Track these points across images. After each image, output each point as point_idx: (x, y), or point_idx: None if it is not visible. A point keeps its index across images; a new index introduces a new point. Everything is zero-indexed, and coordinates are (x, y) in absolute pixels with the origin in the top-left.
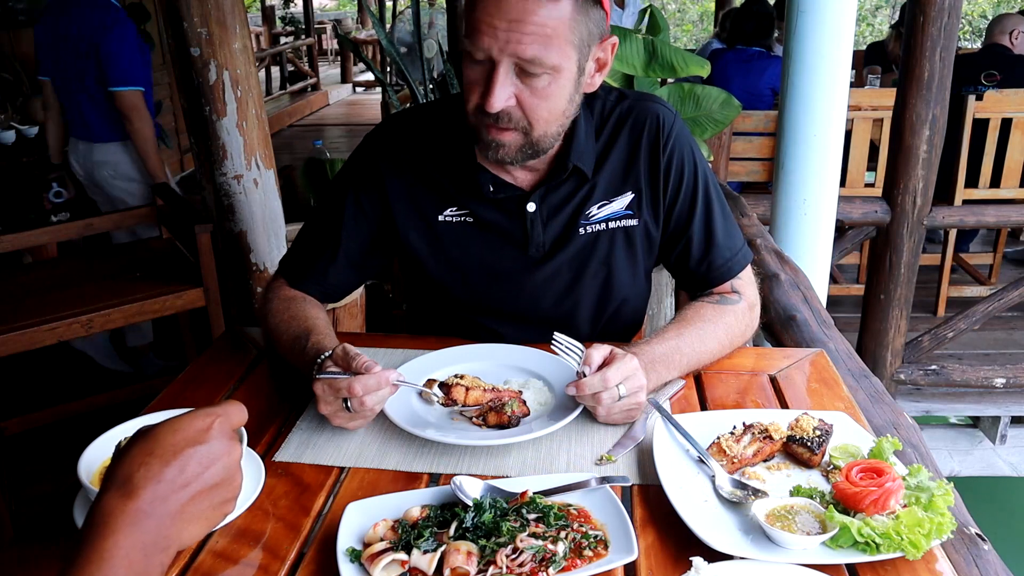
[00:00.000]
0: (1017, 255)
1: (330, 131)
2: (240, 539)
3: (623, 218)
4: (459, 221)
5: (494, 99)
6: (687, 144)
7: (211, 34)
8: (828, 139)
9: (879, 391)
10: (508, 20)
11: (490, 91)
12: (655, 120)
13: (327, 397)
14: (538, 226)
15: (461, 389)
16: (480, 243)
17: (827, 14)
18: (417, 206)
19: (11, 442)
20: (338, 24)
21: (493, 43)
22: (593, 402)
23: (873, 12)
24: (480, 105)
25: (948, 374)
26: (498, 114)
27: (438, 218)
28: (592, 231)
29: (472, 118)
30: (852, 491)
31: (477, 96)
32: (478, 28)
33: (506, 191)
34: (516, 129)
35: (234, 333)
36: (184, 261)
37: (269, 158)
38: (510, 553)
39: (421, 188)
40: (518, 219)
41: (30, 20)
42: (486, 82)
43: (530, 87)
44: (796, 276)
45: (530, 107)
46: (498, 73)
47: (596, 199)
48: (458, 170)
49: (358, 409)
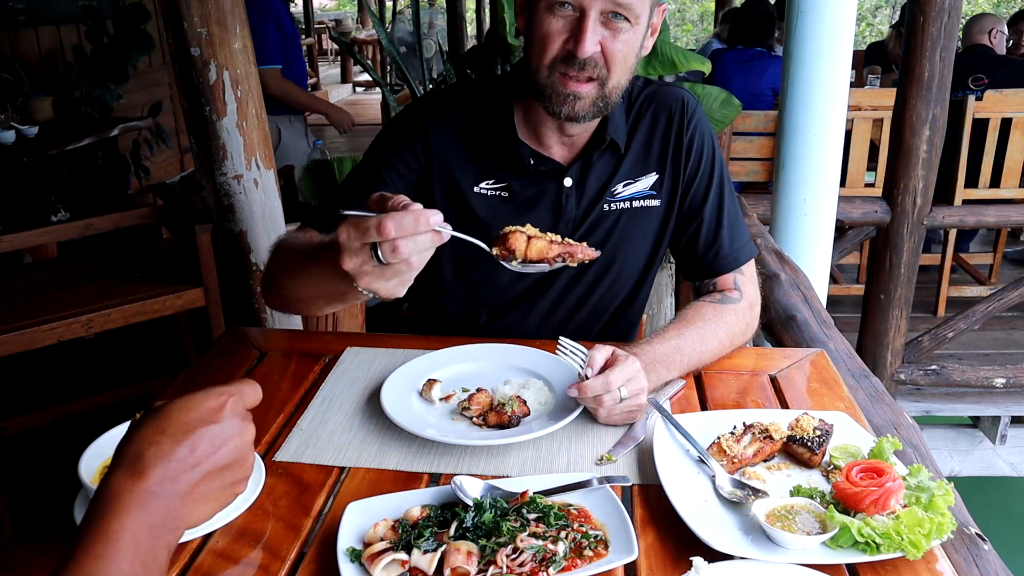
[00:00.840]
0: (1017, 255)
1: (330, 131)
2: (240, 539)
3: (646, 198)
4: (494, 195)
5: (587, 44)
6: (708, 129)
7: (211, 34)
8: (828, 139)
9: (879, 391)
10: None
11: (581, 37)
12: (680, 103)
13: (351, 244)
14: (572, 201)
15: (521, 237)
16: (512, 217)
17: (827, 14)
18: (454, 176)
19: (11, 442)
20: (337, 24)
21: None
22: (595, 404)
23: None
24: (562, 55)
25: (948, 374)
26: (584, 60)
27: (473, 189)
28: (616, 208)
29: (544, 71)
30: (852, 491)
31: (558, 45)
32: None
33: (546, 164)
34: (595, 79)
35: (234, 333)
36: (184, 261)
37: (269, 158)
38: (510, 553)
39: (460, 159)
40: (554, 194)
41: (30, 20)
42: (574, 29)
43: (613, 34)
44: (796, 276)
45: (611, 53)
46: (588, 20)
47: (621, 177)
48: (498, 144)
49: (390, 257)
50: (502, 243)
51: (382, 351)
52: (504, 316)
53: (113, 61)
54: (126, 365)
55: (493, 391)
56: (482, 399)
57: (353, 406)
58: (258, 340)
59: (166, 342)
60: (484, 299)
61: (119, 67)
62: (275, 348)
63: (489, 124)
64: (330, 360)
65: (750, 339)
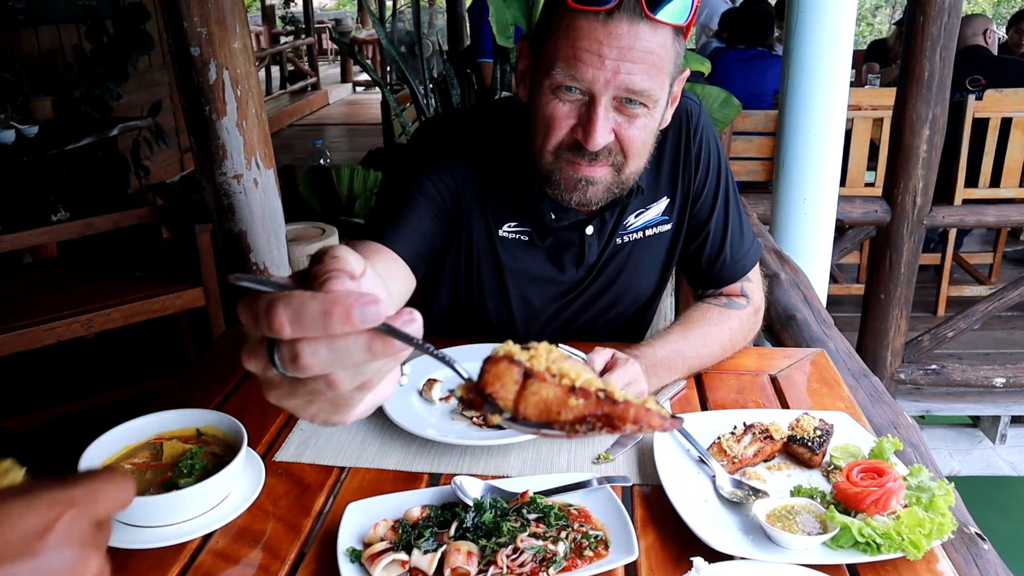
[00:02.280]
0: (1017, 255)
1: (330, 131)
2: (240, 539)
3: (659, 224)
4: (515, 238)
5: (598, 137)
6: (713, 135)
7: (211, 34)
8: (828, 139)
9: (879, 391)
10: (619, 48)
11: (592, 128)
12: (684, 114)
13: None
14: (593, 248)
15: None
16: (534, 263)
17: (827, 14)
18: (485, 212)
19: (11, 442)
20: (337, 24)
21: (599, 74)
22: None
23: (873, 12)
24: (569, 143)
25: (948, 374)
26: (596, 152)
27: (498, 232)
28: (628, 240)
29: (549, 157)
30: (853, 491)
31: (565, 133)
32: (578, 58)
33: (567, 218)
34: (610, 164)
35: (234, 333)
36: (184, 261)
37: (269, 158)
38: (511, 553)
39: (487, 195)
40: (575, 243)
41: (30, 20)
42: (584, 117)
43: (628, 120)
44: (796, 276)
45: (628, 141)
46: (599, 107)
47: (633, 208)
48: (519, 192)
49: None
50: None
51: None
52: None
53: (113, 61)
54: (126, 365)
55: None
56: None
57: None
58: None
59: (166, 342)
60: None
61: (119, 67)
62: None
63: (511, 169)
64: None
65: (751, 342)
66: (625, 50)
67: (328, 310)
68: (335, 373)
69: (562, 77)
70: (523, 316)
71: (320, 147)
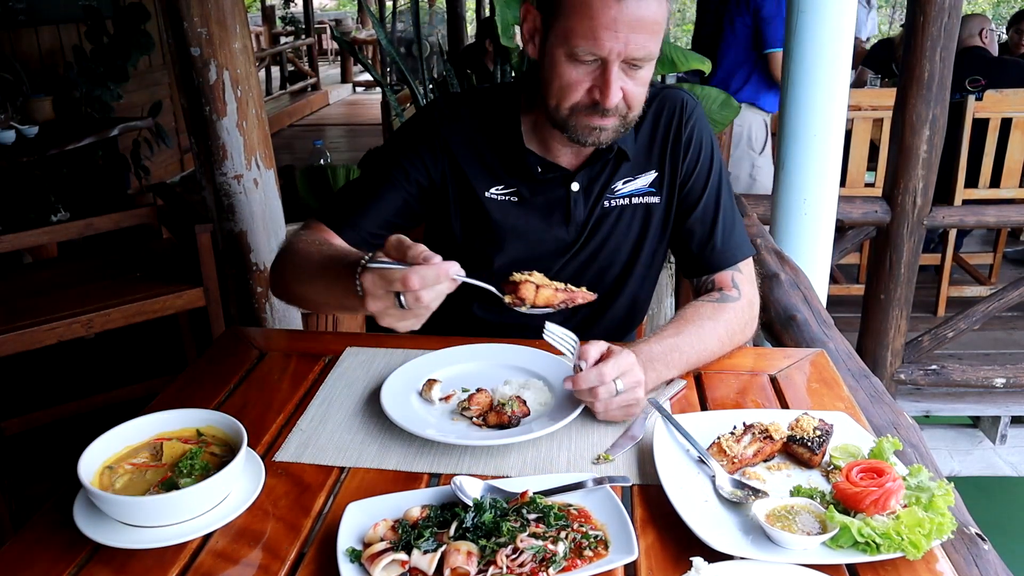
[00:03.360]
0: (1017, 255)
1: (330, 131)
2: (240, 539)
3: (646, 195)
4: (504, 199)
5: (613, 97)
6: (707, 129)
7: (211, 34)
8: (828, 139)
9: (879, 391)
10: (630, 24)
11: (607, 90)
12: (680, 103)
13: (377, 291)
14: (580, 204)
15: (531, 287)
16: (523, 221)
17: (827, 14)
18: (468, 180)
19: (11, 442)
20: (337, 24)
21: (614, 46)
22: (590, 397)
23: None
24: (586, 103)
25: (948, 374)
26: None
27: (484, 194)
28: (615, 205)
29: (565, 111)
30: (852, 491)
31: (583, 94)
32: (596, 33)
33: (554, 171)
34: (618, 115)
35: (234, 333)
36: (184, 261)
37: (269, 158)
38: (510, 553)
39: (472, 164)
40: (562, 199)
41: (30, 20)
42: (598, 81)
43: (633, 78)
44: (796, 276)
45: (632, 96)
46: (612, 72)
47: (621, 175)
48: (507, 152)
49: (412, 305)
50: (513, 290)
51: (382, 351)
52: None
53: (113, 61)
54: (126, 365)
55: (493, 391)
56: (482, 399)
57: (353, 406)
58: (258, 340)
59: (166, 342)
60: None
61: (119, 67)
62: (275, 348)
63: (497, 132)
64: (330, 360)
65: (750, 338)
66: (635, 23)
67: (437, 273)
68: (432, 303)
69: (582, 52)
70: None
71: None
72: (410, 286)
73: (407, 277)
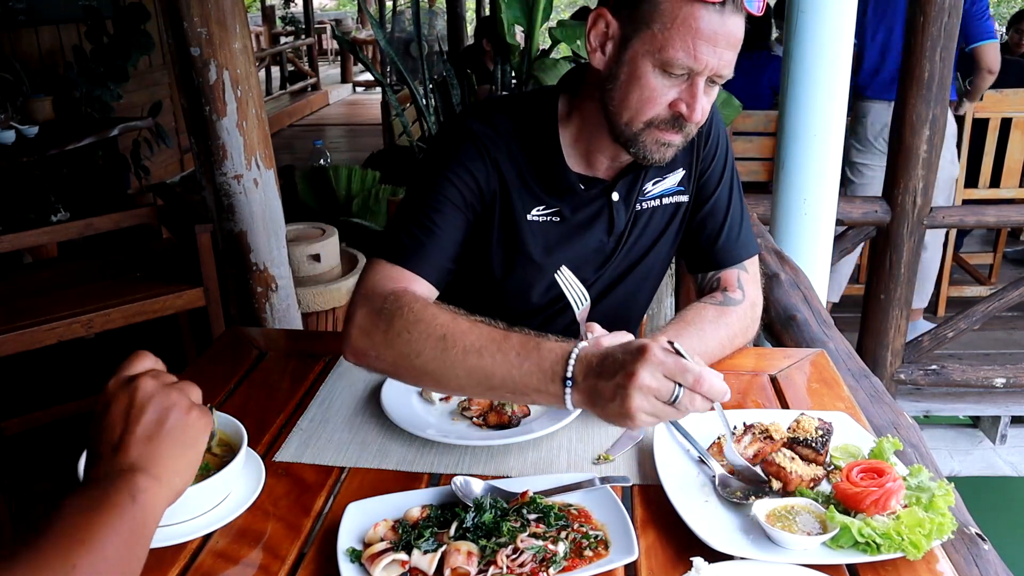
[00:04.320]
0: (1017, 255)
1: (330, 131)
2: (240, 539)
3: (675, 194)
4: (546, 220)
5: (701, 112)
6: (724, 130)
7: (211, 34)
8: (828, 139)
9: (879, 391)
10: (727, 40)
11: (695, 104)
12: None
13: (656, 381)
14: (620, 214)
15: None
16: (565, 241)
17: (827, 14)
18: (512, 203)
19: (11, 442)
20: (338, 24)
21: (710, 60)
22: None
23: None
24: (669, 116)
25: (948, 374)
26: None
27: (527, 217)
28: (647, 207)
29: (640, 125)
30: (853, 491)
31: (666, 108)
32: (695, 47)
33: (595, 186)
34: (688, 131)
35: (234, 333)
36: (184, 261)
37: (269, 158)
38: (510, 553)
39: (517, 184)
40: (605, 211)
41: (30, 20)
42: (684, 95)
43: (709, 94)
44: (796, 276)
45: (705, 112)
46: (699, 85)
47: (651, 176)
48: (547, 169)
49: (685, 406)
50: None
51: None
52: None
53: (113, 61)
54: None
55: None
56: (482, 399)
57: (353, 406)
58: (258, 340)
59: (166, 342)
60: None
61: (119, 67)
62: (275, 348)
63: (537, 148)
64: (330, 360)
65: (751, 340)
66: (731, 39)
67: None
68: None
69: (678, 66)
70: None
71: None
72: (700, 386)
73: (703, 376)
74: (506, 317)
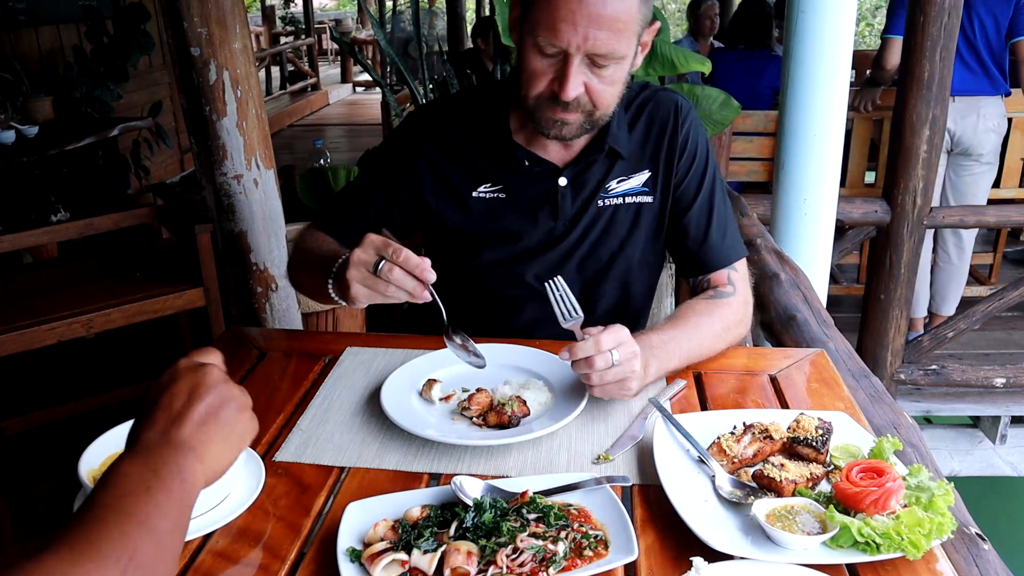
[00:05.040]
0: (1017, 255)
1: (330, 131)
2: (240, 539)
3: (639, 194)
4: (492, 197)
5: (569, 90)
6: (701, 132)
7: (211, 34)
8: (828, 139)
9: (879, 391)
10: (589, 18)
11: (565, 83)
12: (674, 106)
13: (365, 254)
14: (567, 199)
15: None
16: (512, 216)
17: (827, 14)
18: (452, 182)
19: (11, 442)
20: (337, 24)
21: (573, 39)
22: (586, 368)
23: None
24: (548, 94)
25: (948, 374)
26: (567, 102)
27: (472, 194)
28: (610, 204)
29: (532, 101)
30: (852, 491)
31: (545, 85)
32: (555, 24)
33: (541, 165)
34: (581, 111)
35: (234, 333)
36: (184, 261)
37: (269, 158)
38: (510, 553)
39: (456, 167)
40: (549, 193)
41: (30, 20)
42: (558, 73)
43: (598, 75)
44: (796, 276)
45: (597, 93)
46: (572, 66)
47: (616, 174)
48: (493, 148)
49: (385, 274)
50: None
51: (382, 351)
52: (499, 314)
53: (113, 61)
54: (126, 365)
55: (493, 391)
56: (482, 399)
57: (353, 406)
58: (258, 340)
59: (166, 342)
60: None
61: (119, 67)
62: (275, 348)
63: (483, 129)
64: (330, 360)
65: (746, 335)
66: (595, 18)
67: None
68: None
69: (544, 42)
70: (512, 271)
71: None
72: (398, 256)
73: (400, 248)
74: (490, 296)
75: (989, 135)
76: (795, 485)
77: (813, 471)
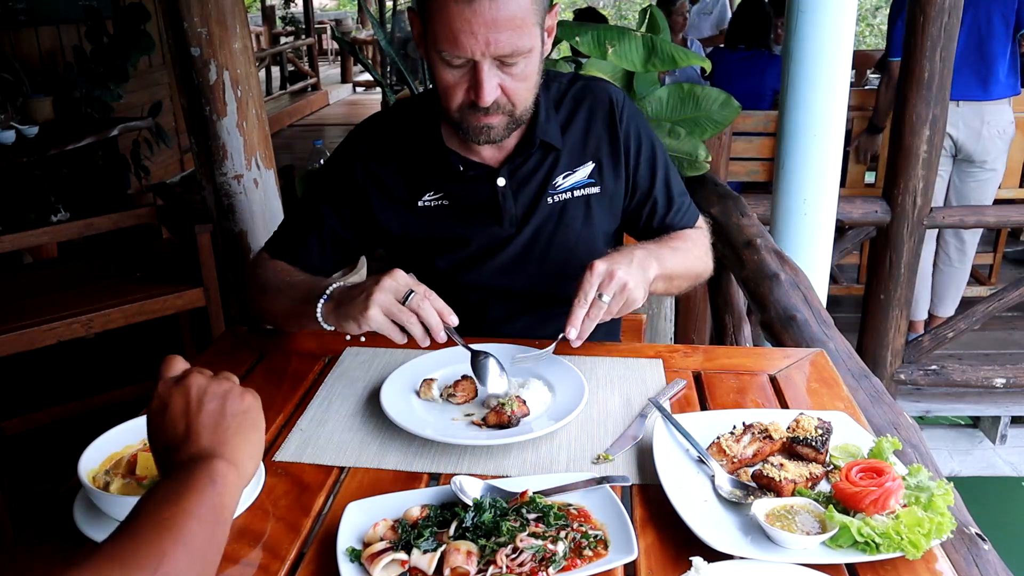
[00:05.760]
0: (1017, 255)
1: (330, 131)
2: (240, 539)
3: (587, 186)
4: (437, 204)
5: (485, 95)
6: (639, 117)
7: (211, 34)
8: (828, 139)
9: (879, 391)
10: (485, 23)
11: (480, 90)
12: (608, 98)
13: (395, 282)
14: (509, 200)
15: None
16: (457, 222)
17: (827, 14)
18: (394, 194)
19: (11, 442)
20: (338, 24)
21: (475, 47)
22: (595, 320)
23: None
24: (467, 103)
25: (948, 374)
26: (487, 107)
27: (417, 204)
28: (560, 200)
29: (456, 114)
30: (852, 491)
31: (462, 95)
32: (455, 36)
33: (476, 169)
34: (502, 112)
35: (234, 333)
36: (184, 261)
37: (269, 158)
38: (510, 553)
39: (398, 178)
40: (490, 195)
41: (30, 20)
42: (471, 81)
43: (510, 74)
44: (796, 276)
45: (513, 91)
46: (482, 72)
47: (561, 169)
48: (430, 157)
49: (415, 306)
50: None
51: (382, 351)
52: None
53: (113, 61)
54: (126, 365)
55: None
56: (467, 385)
57: (353, 406)
58: (258, 340)
59: (166, 342)
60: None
61: (119, 67)
62: (275, 348)
63: (419, 139)
64: (330, 360)
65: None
66: (491, 23)
67: (446, 310)
68: (427, 318)
69: (448, 55)
70: (469, 275)
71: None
72: (428, 295)
73: (429, 290)
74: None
75: (995, 141)
76: (795, 485)
77: (813, 471)
